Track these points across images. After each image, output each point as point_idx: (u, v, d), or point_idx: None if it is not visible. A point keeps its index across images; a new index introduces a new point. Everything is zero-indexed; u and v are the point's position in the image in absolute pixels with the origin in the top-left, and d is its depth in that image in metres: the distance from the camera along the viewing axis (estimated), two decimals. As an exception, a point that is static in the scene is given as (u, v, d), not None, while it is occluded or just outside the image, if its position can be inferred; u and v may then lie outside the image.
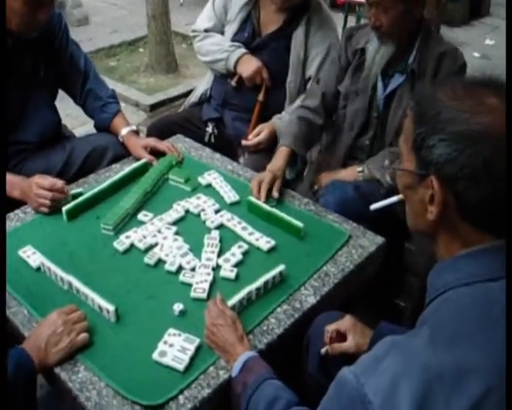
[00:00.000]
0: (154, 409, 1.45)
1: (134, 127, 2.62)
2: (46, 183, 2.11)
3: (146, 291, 1.81)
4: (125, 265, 1.92)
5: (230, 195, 2.24)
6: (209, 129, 3.03)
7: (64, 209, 2.10)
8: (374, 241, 2.05)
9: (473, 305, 1.05)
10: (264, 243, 1.99)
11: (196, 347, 1.59)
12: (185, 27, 6.26)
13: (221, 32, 3.01)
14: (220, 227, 2.09)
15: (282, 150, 2.41)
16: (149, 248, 1.98)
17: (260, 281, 1.77)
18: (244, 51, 2.87)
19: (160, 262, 1.92)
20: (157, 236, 2.02)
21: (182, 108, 3.36)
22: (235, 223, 2.08)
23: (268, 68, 2.85)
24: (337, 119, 2.63)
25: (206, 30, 3.03)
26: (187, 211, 2.17)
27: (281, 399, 1.37)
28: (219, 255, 1.93)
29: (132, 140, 2.54)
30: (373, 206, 1.55)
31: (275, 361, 1.54)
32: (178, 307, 1.71)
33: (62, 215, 2.11)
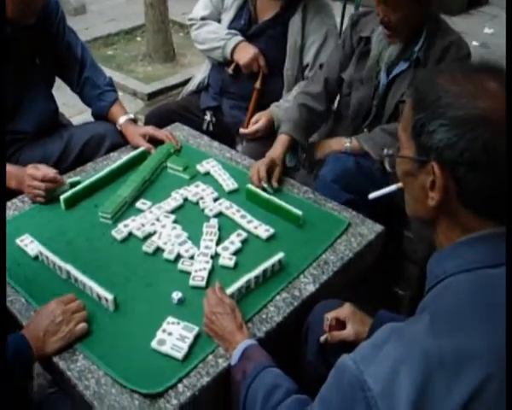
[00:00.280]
0: (153, 397, 1.44)
1: (132, 115, 2.62)
2: (38, 174, 2.10)
3: (144, 280, 1.80)
4: (124, 253, 1.92)
5: (229, 183, 2.24)
6: (207, 117, 3.02)
7: (62, 198, 2.09)
8: (373, 229, 2.05)
9: (473, 291, 1.05)
10: (263, 231, 1.98)
11: (195, 335, 1.58)
12: (183, 16, 6.23)
13: (218, 20, 3.00)
14: (219, 215, 2.08)
15: (282, 138, 2.41)
16: (148, 236, 1.97)
17: (259, 269, 1.76)
18: (241, 39, 2.86)
19: (159, 250, 1.92)
20: (155, 224, 2.02)
21: (179, 97, 3.35)
22: (233, 211, 2.08)
23: (265, 56, 2.83)
24: (340, 106, 2.61)
25: (202, 18, 3.01)
26: (185, 199, 2.16)
27: (280, 387, 1.37)
28: (218, 243, 1.93)
29: (130, 128, 2.53)
30: (371, 195, 1.55)
31: (274, 349, 1.54)
32: (177, 296, 1.70)
33: (60, 204, 2.10)
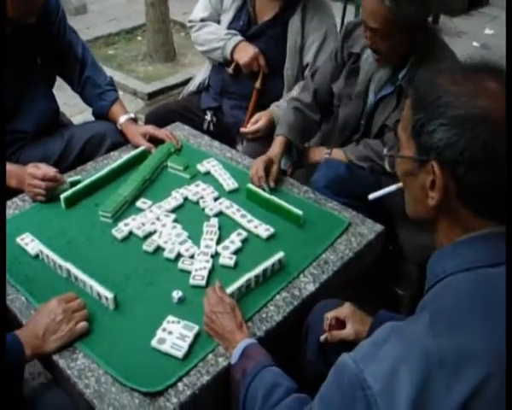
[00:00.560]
0: (153, 396, 1.45)
1: (132, 115, 2.62)
2: (39, 173, 2.10)
3: (145, 279, 1.81)
4: (124, 252, 1.92)
5: (229, 182, 2.24)
6: (208, 117, 3.02)
7: (62, 197, 2.10)
8: (373, 229, 2.05)
9: (473, 291, 1.05)
10: (263, 231, 1.98)
11: (195, 334, 1.59)
12: (183, 16, 6.22)
13: (217, 22, 3.00)
14: (219, 215, 2.08)
15: (279, 139, 2.43)
16: (148, 235, 1.97)
17: (259, 268, 1.77)
18: (240, 38, 2.86)
19: (159, 250, 1.92)
20: (156, 223, 2.02)
21: (180, 98, 3.35)
22: (234, 210, 2.08)
23: (265, 56, 2.83)
24: (332, 115, 2.62)
25: (202, 19, 3.01)
26: (186, 198, 2.17)
27: (280, 386, 1.37)
28: (218, 243, 1.93)
29: (131, 128, 2.53)
30: (371, 195, 1.55)
31: (274, 349, 1.54)
32: (177, 295, 1.70)
33: (60, 203, 2.10)
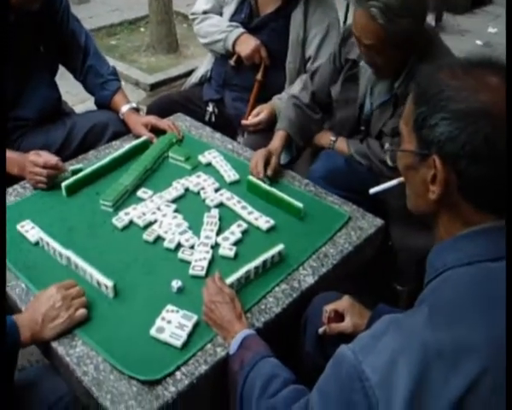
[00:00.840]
0: (151, 384, 1.45)
1: (134, 105, 2.62)
2: (40, 160, 2.10)
3: (144, 268, 1.81)
4: (124, 241, 1.92)
5: (230, 174, 2.24)
6: (209, 108, 3.03)
7: (63, 185, 2.10)
8: (373, 223, 2.05)
9: (472, 285, 1.05)
10: (263, 223, 1.99)
11: (194, 323, 1.59)
12: (186, 8, 6.21)
13: (220, 14, 3.00)
14: (220, 206, 2.08)
15: (279, 133, 2.43)
16: (148, 225, 1.97)
17: (259, 260, 1.77)
18: (242, 31, 2.85)
19: (159, 239, 1.92)
20: (156, 213, 2.02)
21: (182, 89, 3.34)
22: (234, 202, 2.08)
23: (267, 48, 2.83)
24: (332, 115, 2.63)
25: (204, 12, 3.01)
26: (187, 189, 2.17)
27: (278, 377, 1.38)
28: (218, 234, 1.93)
29: (133, 117, 2.53)
30: (372, 190, 1.55)
31: (272, 340, 1.55)
32: (177, 284, 1.71)
33: (62, 191, 2.10)
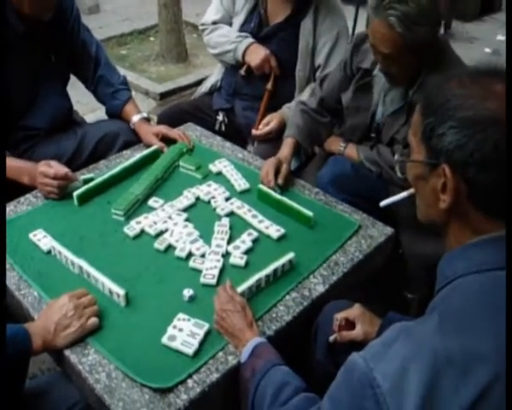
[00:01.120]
0: (163, 392, 1.46)
1: (145, 114, 2.64)
2: (51, 171, 2.11)
3: (156, 276, 1.82)
4: (136, 250, 1.94)
5: (241, 183, 2.25)
6: (219, 117, 3.04)
7: (75, 194, 2.11)
8: (383, 231, 2.06)
9: (482, 293, 1.06)
10: (273, 231, 1.99)
11: (205, 332, 1.60)
12: (196, 17, 6.25)
13: (229, 24, 3.02)
14: (230, 215, 2.09)
15: (288, 141, 2.45)
16: (159, 233, 1.98)
17: (270, 268, 1.77)
18: (251, 41, 2.87)
19: (170, 248, 1.93)
20: (167, 222, 2.03)
21: (192, 98, 3.36)
22: (245, 211, 2.09)
23: (276, 57, 2.84)
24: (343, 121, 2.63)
25: (214, 22, 3.03)
26: (197, 198, 2.18)
27: (289, 385, 1.38)
28: (229, 242, 1.94)
29: (144, 127, 2.55)
30: (383, 202, 1.56)
31: (283, 348, 1.55)
32: (188, 293, 1.71)
33: (73, 200, 2.12)
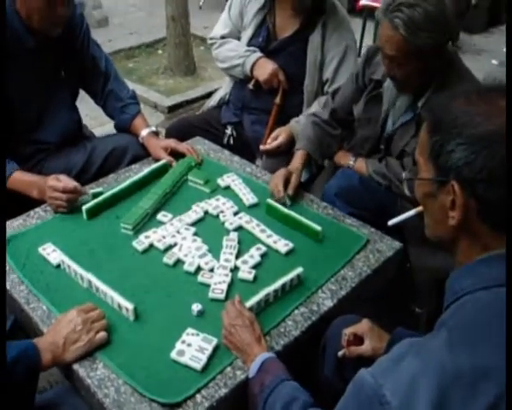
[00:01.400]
0: (172, 407, 1.46)
1: (154, 128, 2.65)
2: (60, 185, 2.12)
3: (165, 291, 1.82)
4: (144, 264, 1.94)
5: (249, 197, 2.25)
6: (228, 131, 3.05)
7: (84, 208, 2.12)
8: (391, 246, 2.05)
9: (490, 309, 1.06)
10: (282, 246, 2.00)
11: (214, 347, 1.60)
12: (204, 30, 6.29)
13: (238, 38, 3.03)
14: (239, 229, 2.10)
15: (299, 153, 2.46)
16: (168, 248, 1.99)
17: (278, 283, 1.78)
18: (259, 55, 2.88)
19: (179, 262, 1.94)
20: (176, 236, 2.04)
21: (200, 112, 3.37)
22: (253, 225, 2.10)
23: (284, 72, 2.85)
24: (354, 133, 2.64)
25: (222, 37, 3.05)
26: (206, 212, 2.18)
27: (297, 400, 1.38)
28: (237, 257, 1.94)
29: (152, 141, 2.56)
30: (391, 221, 1.56)
31: (291, 363, 1.55)
32: (197, 308, 1.72)
33: (82, 214, 2.13)
